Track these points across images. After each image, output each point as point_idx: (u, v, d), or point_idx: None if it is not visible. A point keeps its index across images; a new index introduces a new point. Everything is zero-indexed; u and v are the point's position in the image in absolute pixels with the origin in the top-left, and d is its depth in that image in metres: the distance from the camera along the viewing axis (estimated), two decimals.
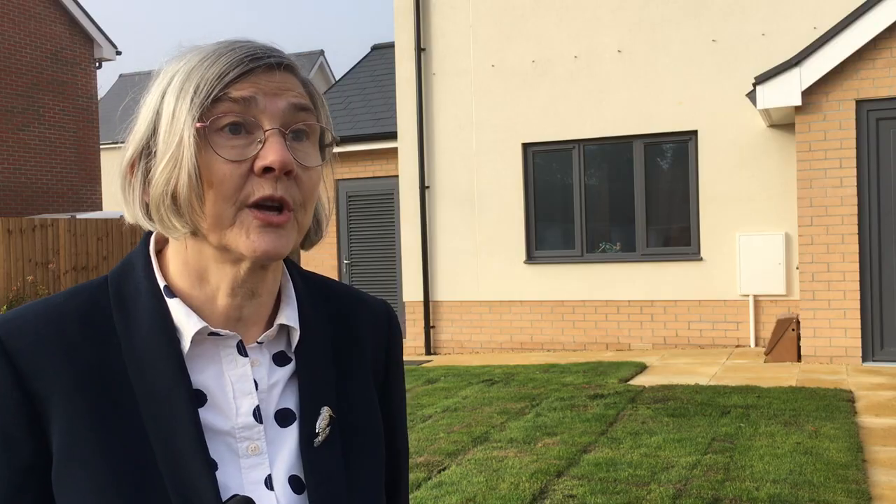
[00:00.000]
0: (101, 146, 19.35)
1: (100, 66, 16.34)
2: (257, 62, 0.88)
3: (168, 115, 0.88)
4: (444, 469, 5.03)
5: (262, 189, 0.87)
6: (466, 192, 10.52)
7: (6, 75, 14.37)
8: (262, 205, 0.87)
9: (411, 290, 10.80)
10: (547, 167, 10.33)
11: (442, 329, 10.73)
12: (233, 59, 0.88)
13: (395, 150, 11.58)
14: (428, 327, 10.67)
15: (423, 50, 10.69)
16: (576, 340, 10.07)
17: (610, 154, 10.05)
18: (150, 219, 0.91)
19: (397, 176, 11.37)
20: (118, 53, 16.48)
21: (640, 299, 9.76)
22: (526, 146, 10.28)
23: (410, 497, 4.53)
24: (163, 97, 0.89)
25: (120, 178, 0.92)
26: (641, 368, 8.21)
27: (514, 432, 5.78)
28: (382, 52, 14.66)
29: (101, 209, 16.16)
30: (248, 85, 0.87)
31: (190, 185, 0.86)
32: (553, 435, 5.65)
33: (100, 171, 16.50)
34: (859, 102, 7.88)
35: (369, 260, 12.46)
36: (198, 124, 0.86)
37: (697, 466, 4.82)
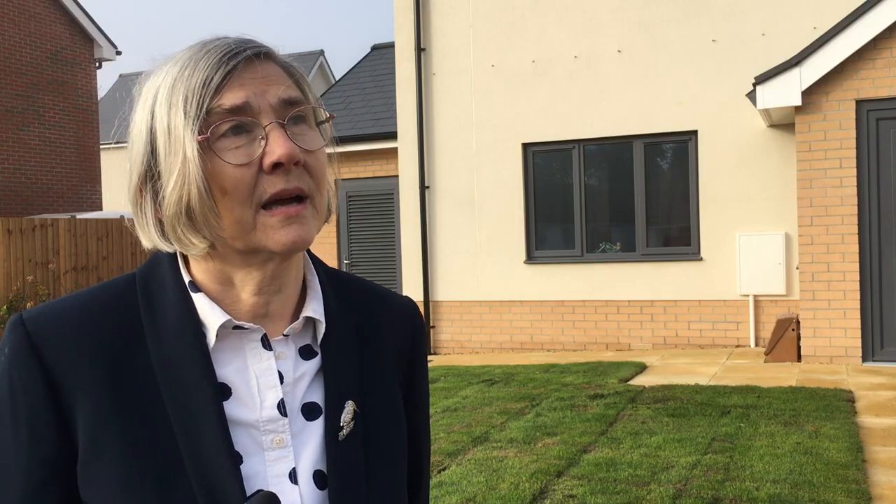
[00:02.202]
0: (101, 146, 19.36)
1: (100, 66, 16.34)
2: (236, 58, 0.88)
3: (163, 132, 0.87)
4: (444, 469, 5.03)
5: (274, 185, 0.87)
6: (466, 192, 10.52)
7: (6, 75, 14.37)
8: (278, 200, 0.87)
9: (411, 290, 10.79)
10: (547, 167, 10.33)
11: (442, 329, 10.73)
12: (211, 62, 0.87)
13: (395, 150, 11.59)
14: (428, 327, 10.67)
15: (423, 50, 10.69)
16: (576, 340, 10.07)
17: (610, 154, 10.05)
18: (167, 240, 0.91)
19: (397, 176, 11.38)
20: (118, 53, 16.48)
21: (640, 299, 9.76)
22: (526, 146, 10.28)
23: None
24: (152, 116, 0.88)
25: (130, 205, 0.92)
26: (641, 368, 8.21)
27: (514, 432, 5.78)
28: (382, 52, 14.67)
29: (101, 209, 16.16)
30: (237, 88, 0.87)
31: (201, 199, 0.86)
32: (553, 435, 5.65)
33: (100, 171, 16.50)
34: (859, 102, 7.88)
35: (369, 260, 12.46)
36: (199, 137, 0.85)
37: (697, 466, 4.81)
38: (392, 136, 11.53)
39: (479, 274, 10.49)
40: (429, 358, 10.34)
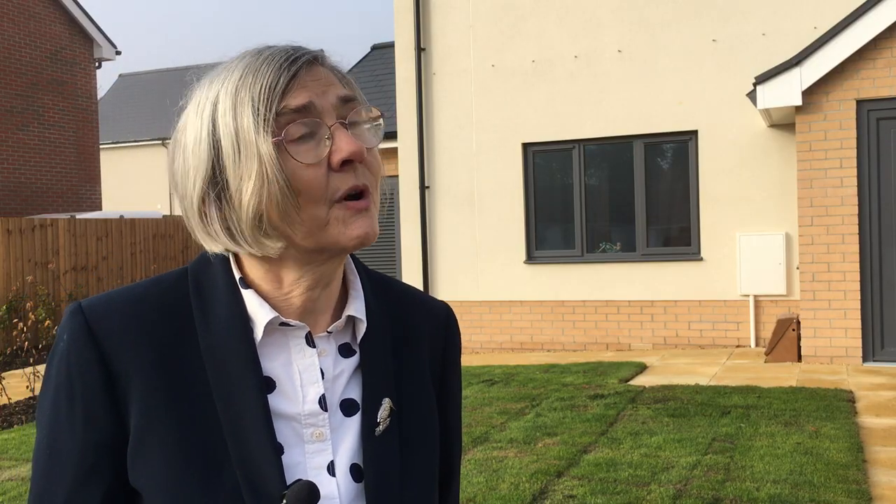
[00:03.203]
0: (101, 146, 19.34)
1: (99, 66, 16.33)
2: (296, 63, 0.91)
3: (230, 139, 0.89)
4: None
5: (345, 182, 0.90)
6: (466, 192, 10.52)
7: (6, 75, 14.37)
8: (348, 196, 0.91)
9: None
10: (547, 167, 10.32)
11: None
12: (273, 68, 0.90)
13: (395, 150, 11.58)
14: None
15: (423, 50, 10.69)
16: (576, 340, 10.06)
17: (610, 154, 10.05)
18: (239, 243, 0.93)
19: (397, 176, 11.37)
20: (118, 53, 16.47)
21: (640, 299, 9.76)
22: (526, 146, 10.27)
23: None
24: (213, 124, 0.90)
25: (193, 218, 0.94)
26: (641, 368, 8.21)
27: (514, 432, 5.77)
28: (382, 52, 14.66)
29: (100, 209, 16.15)
30: (300, 90, 0.90)
31: (284, 198, 0.88)
32: (553, 435, 5.64)
33: (99, 171, 16.49)
34: (860, 102, 7.88)
35: (369, 260, 12.46)
36: (274, 139, 0.88)
37: (698, 466, 4.81)
38: (392, 135, 11.52)
39: (479, 274, 10.48)
40: None
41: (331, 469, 0.94)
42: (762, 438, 5.34)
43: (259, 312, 0.94)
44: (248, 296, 0.95)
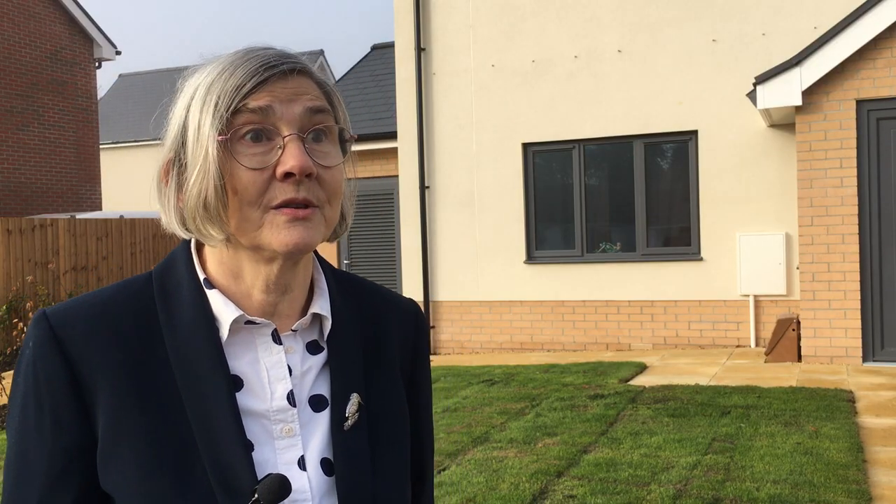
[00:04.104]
0: (101, 146, 19.34)
1: (99, 66, 16.33)
2: (272, 70, 0.93)
3: (194, 128, 0.93)
4: (444, 469, 5.03)
5: (284, 193, 0.91)
6: (466, 192, 10.52)
7: (6, 75, 14.37)
8: (287, 204, 0.92)
9: (411, 291, 10.79)
10: (547, 167, 10.32)
11: (442, 329, 10.73)
12: (248, 70, 0.92)
13: (394, 150, 11.58)
14: (428, 327, 10.66)
15: (423, 50, 10.69)
16: (576, 340, 10.06)
17: (610, 154, 10.05)
18: (186, 228, 0.96)
19: (397, 176, 11.37)
20: (118, 53, 16.47)
21: (640, 299, 9.76)
22: (526, 146, 10.27)
23: None
24: (187, 111, 0.94)
25: (155, 184, 0.99)
26: (642, 368, 8.21)
27: (514, 432, 5.77)
28: (382, 52, 14.66)
29: (100, 209, 16.15)
30: (265, 94, 0.92)
31: (216, 195, 0.91)
32: (553, 435, 5.64)
33: (99, 171, 16.48)
34: (860, 102, 7.88)
35: (369, 260, 12.46)
36: (219, 137, 0.90)
37: (698, 467, 4.81)
38: (392, 136, 11.53)
39: (479, 274, 10.48)
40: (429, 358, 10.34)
41: (301, 464, 0.95)
42: (762, 438, 5.34)
43: (224, 311, 0.95)
44: (213, 295, 0.96)
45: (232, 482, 0.90)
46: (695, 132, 9.52)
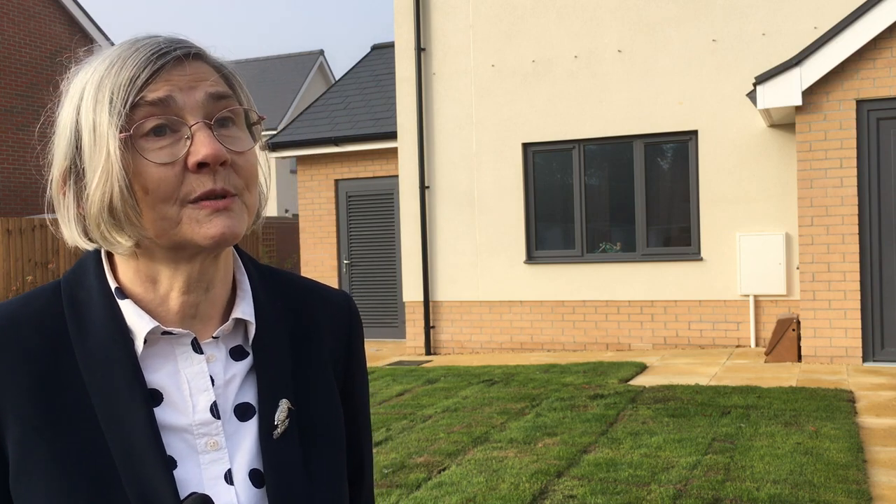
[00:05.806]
0: None
1: None
2: (165, 58, 0.87)
3: (89, 129, 0.87)
4: (444, 469, 5.03)
5: (201, 185, 0.86)
6: (466, 192, 10.52)
7: (6, 75, 14.37)
8: (205, 197, 0.87)
9: (411, 291, 10.79)
10: (547, 167, 10.32)
11: (442, 329, 10.73)
12: (139, 60, 0.87)
13: (395, 150, 11.58)
14: (428, 327, 10.67)
15: (423, 50, 10.69)
16: (576, 340, 10.06)
17: (610, 154, 10.05)
18: (90, 238, 0.90)
19: (397, 176, 11.37)
20: None
21: (640, 299, 9.76)
22: (526, 146, 10.27)
23: (410, 497, 4.52)
24: (78, 112, 0.88)
25: (55, 204, 0.92)
26: (642, 369, 8.21)
27: (514, 432, 5.77)
28: (382, 52, 14.65)
29: None
30: (162, 84, 0.86)
31: (123, 198, 0.85)
32: (553, 435, 5.64)
33: None
34: (860, 102, 7.88)
35: (369, 260, 12.46)
36: (121, 134, 0.85)
37: (698, 467, 4.81)
38: (392, 136, 11.53)
39: (479, 274, 10.48)
40: (429, 358, 10.25)
41: (228, 478, 0.91)
42: (762, 438, 5.34)
43: (138, 323, 0.90)
44: (125, 306, 0.91)
45: (153, 502, 0.85)
46: (695, 132, 9.52)
